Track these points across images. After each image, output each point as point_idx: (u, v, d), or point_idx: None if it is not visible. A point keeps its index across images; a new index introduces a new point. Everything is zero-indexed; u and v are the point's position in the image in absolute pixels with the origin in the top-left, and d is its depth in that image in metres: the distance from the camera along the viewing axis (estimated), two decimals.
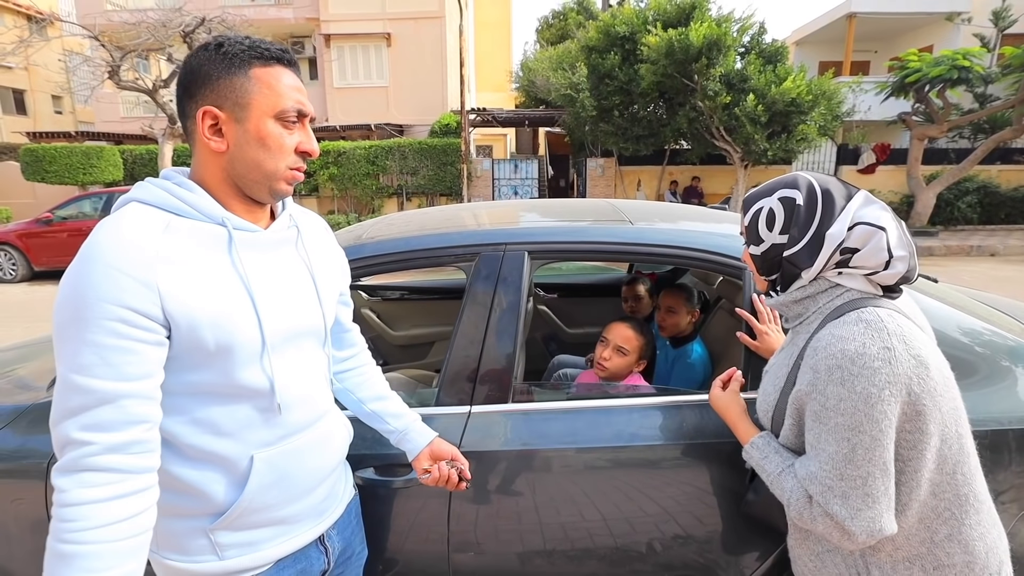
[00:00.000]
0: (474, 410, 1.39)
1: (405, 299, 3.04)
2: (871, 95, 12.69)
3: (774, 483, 1.00)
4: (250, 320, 0.86)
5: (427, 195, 14.64)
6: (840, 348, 0.88)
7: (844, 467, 0.88)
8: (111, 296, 0.74)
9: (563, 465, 1.36)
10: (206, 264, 0.83)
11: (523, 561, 1.40)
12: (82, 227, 8.72)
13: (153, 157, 14.01)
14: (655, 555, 1.40)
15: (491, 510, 1.37)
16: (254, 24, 13.09)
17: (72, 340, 0.75)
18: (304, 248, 0.99)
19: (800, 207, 0.96)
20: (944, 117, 11.60)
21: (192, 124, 0.86)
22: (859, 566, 0.98)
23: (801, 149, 11.10)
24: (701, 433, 1.35)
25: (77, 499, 0.73)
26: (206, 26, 10.83)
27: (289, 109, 0.86)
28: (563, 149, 18.01)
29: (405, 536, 1.39)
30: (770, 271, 1.03)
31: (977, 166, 12.30)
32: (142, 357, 0.77)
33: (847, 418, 0.87)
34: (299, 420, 0.94)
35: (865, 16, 15.51)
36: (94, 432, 0.75)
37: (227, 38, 0.85)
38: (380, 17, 16.50)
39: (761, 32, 11.35)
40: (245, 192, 0.90)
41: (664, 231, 1.53)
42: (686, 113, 10.94)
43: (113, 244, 0.77)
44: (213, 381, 0.85)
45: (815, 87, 10.26)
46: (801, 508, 0.94)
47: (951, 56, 10.67)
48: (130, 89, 11.28)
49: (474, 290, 1.45)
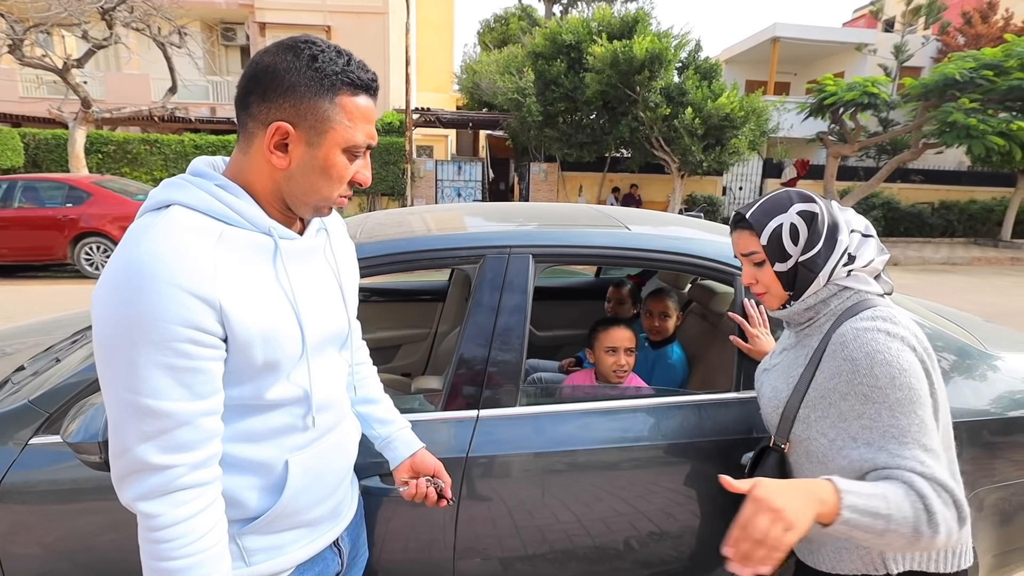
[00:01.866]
0: (482, 414, 1.37)
1: (371, 301, 2.94)
2: (793, 114, 13.71)
3: (893, 517, 0.81)
4: (294, 334, 0.83)
5: (368, 195, 14.28)
6: (872, 336, 0.93)
7: (923, 437, 0.88)
8: (179, 318, 0.70)
9: (575, 467, 1.37)
10: (255, 277, 0.79)
11: (532, 567, 1.40)
12: None
13: (61, 143, 12.73)
14: (674, 553, 1.44)
15: (502, 515, 1.36)
16: (182, 6, 12.22)
17: (139, 364, 0.70)
18: (332, 253, 0.96)
19: (820, 215, 1.03)
20: (855, 138, 12.70)
21: (256, 128, 0.80)
22: (876, 563, 1.02)
23: (732, 161, 11.80)
24: (712, 431, 1.40)
25: (174, 519, 0.74)
26: (128, 4, 10.00)
27: (361, 144, 0.83)
28: (504, 152, 18.12)
29: (410, 542, 1.35)
30: (793, 283, 1.06)
31: (882, 184, 13.58)
32: (211, 375, 0.75)
33: (905, 392, 0.89)
34: (327, 423, 0.93)
35: (787, 41, 16.75)
36: (177, 454, 0.73)
37: (321, 49, 0.79)
38: (320, 8, 15.95)
39: (697, 49, 11.98)
40: (289, 205, 0.86)
41: (662, 237, 1.57)
42: (628, 123, 11.34)
43: (172, 258, 0.71)
44: (252, 395, 0.82)
45: (746, 104, 10.95)
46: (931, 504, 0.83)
47: (862, 83, 11.71)
48: (35, 67, 10.21)
49: (479, 293, 1.43)
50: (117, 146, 13.24)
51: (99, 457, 1.01)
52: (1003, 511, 1.57)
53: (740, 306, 1.51)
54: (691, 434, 1.41)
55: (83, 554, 1.29)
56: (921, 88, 11.38)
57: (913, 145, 12.37)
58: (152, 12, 10.37)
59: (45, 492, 1.27)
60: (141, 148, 13.23)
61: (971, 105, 10.45)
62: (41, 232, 7.79)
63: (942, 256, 12.18)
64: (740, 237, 1.09)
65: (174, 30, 10.90)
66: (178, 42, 10.99)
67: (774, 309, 1.11)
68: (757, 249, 1.06)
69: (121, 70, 15.98)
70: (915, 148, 12.26)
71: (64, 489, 1.27)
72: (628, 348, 1.80)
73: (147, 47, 12.03)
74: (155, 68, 14.01)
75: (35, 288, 7.29)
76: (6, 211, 7.82)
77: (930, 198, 15.38)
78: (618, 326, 1.82)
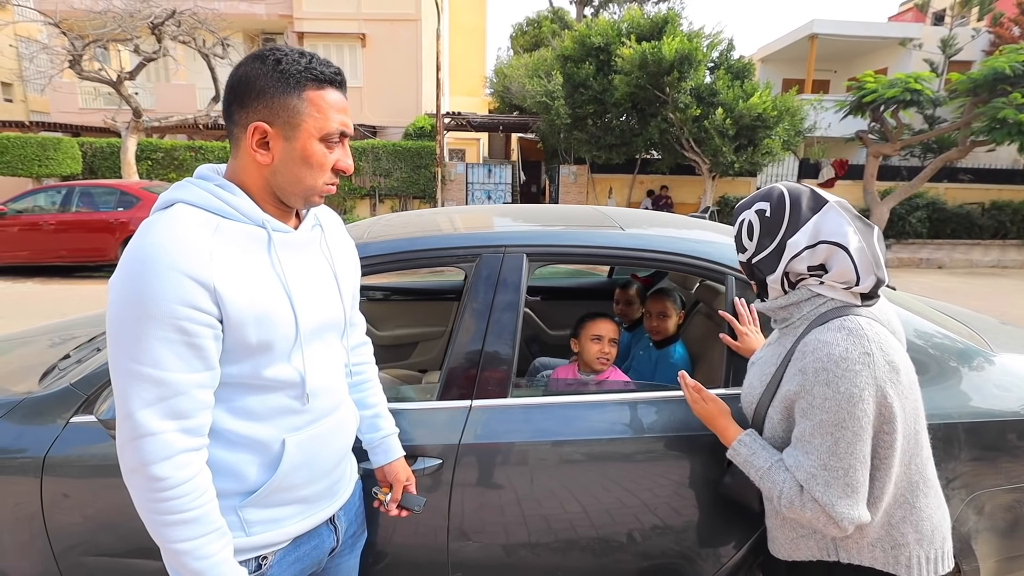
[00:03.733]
0: (475, 404, 1.45)
1: (390, 300, 3.06)
2: (831, 113, 13.29)
3: (764, 477, 1.07)
4: (287, 317, 0.91)
5: (400, 197, 14.57)
6: (826, 352, 0.97)
7: (828, 458, 0.97)
8: (177, 297, 0.79)
9: (562, 456, 1.43)
10: (249, 264, 0.88)
11: (520, 550, 1.47)
12: (38, 221, 8.34)
13: (115, 151, 13.49)
14: (654, 542, 1.49)
15: (491, 500, 1.43)
16: (225, 18, 12.81)
17: (142, 337, 0.79)
18: (327, 246, 1.04)
19: (768, 218, 1.06)
20: (897, 136, 12.23)
21: (239, 132, 0.90)
22: (829, 549, 1.08)
23: (766, 162, 11.55)
24: (697, 425, 1.44)
25: (181, 479, 0.83)
26: (176, 18, 10.55)
27: (334, 132, 0.91)
28: (535, 155, 18.20)
29: (405, 525, 1.44)
30: (753, 276, 1.13)
31: (926, 184, 13.02)
32: (206, 351, 0.84)
33: (831, 415, 0.96)
34: (323, 407, 1.01)
35: (826, 37, 16.26)
36: (173, 420, 0.83)
37: (284, 53, 0.89)
38: (355, 17, 16.38)
39: (730, 48, 11.78)
40: (280, 198, 0.95)
41: (655, 237, 1.62)
42: (657, 124, 11.24)
43: (172, 246, 0.81)
44: (250, 373, 0.91)
45: (780, 103, 10.71)
46: (792, 497, 1.01)
47: (904, 79, 11.28)
48: (92, 80, 10.89)
49: (475, 290, 1.51)
50: (165, 153, 13.96)
51: None
52: (1006, 516, 1.55)
53: (731, 304, 1.55)
54: (676, 428, 1.45)
55: (120, 526, 1.41)
56: (969, 83, 10.86)
57: (960, 143, 11.83)
58: (197, 25, 10.92)
59: (84, 467, 1.41)
60: (187, 154, 13.89)
61: (1023, 100, 9.93)
62: (95, 235, 8.29)
63: (992, 259, 11.62)
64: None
65: (218, 42, 11.43)
66: (221, 53, 11.51)
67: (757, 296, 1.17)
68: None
69: (169, 81, 16.80)
70: (962, 146, 11.72)
71: (100, 464, 1.40)
72: (612, 339, 1.89)
73: (193, 58, 12.62)
74: (201, 78, 14.69)
75: (90, 287, 7.77)
76: (65, 215, 8.39)
77: (980, 198, 14.64)
78: (602, 319, 1.91)
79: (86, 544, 1.43)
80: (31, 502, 1.39)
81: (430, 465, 1.39)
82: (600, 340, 1.88)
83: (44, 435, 1.41)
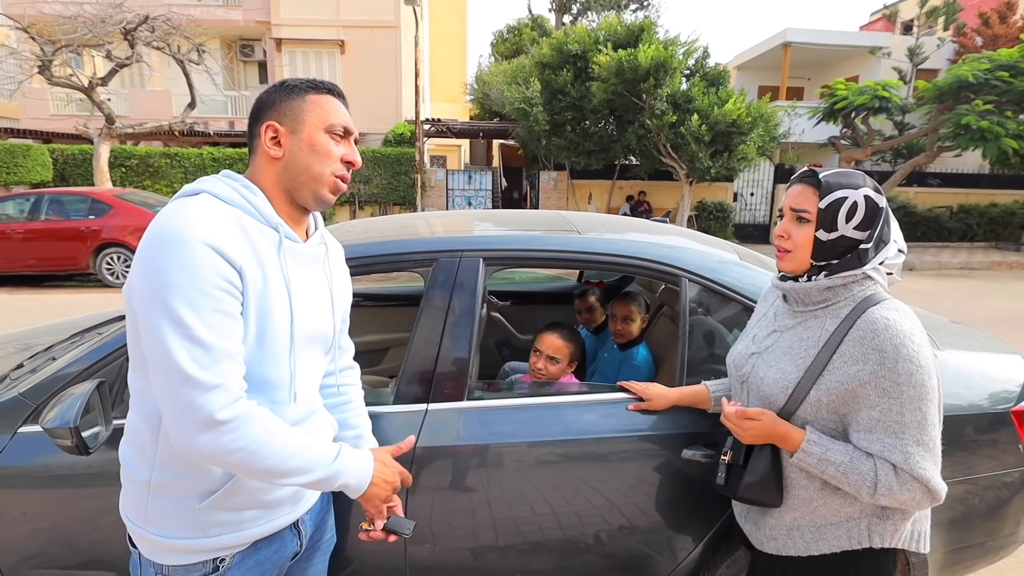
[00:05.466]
0: (431, 408, 1.46)
1: (360, 306, 3.05)
2: (804, 119, 13.61)
3: (849, 472, 1.01)
4: (284, 317, 0.95)
5: (380, 204, 14.54)
6: (899, 329, 0.98)
7: (919, 434, 0.98)
8: (213, 270, 0.85)
9: (516, 459, 1.45)
10: (260, 261, 0.93)
11: (477, 554, 1.48)
12: (5, 230, 8.13)
13: (87, 157, 13.24)
14: (602, 544, 1.50)
15: (447, 503, 1.44)
16: (201, 24, 12.67)
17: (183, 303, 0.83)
18: (328, 265, 1.10)
19: (882, 211, 1.06)
20: (868, 142, 12.57)
21: (256, 140, 1.00)
22: (861, 536, 1.07)
23: (741, 168, 11.75)
24: (650, 425, 1.47)
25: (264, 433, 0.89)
26: (149, 24, 10.41)
27: (337, 124, 1.00)
28: (517, 161, 18.30)
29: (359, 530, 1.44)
30: (825, 257, 1.07)
31: (897, 188, 13.38)
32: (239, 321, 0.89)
33: (918, 389, 0.97)
34: (297, 414, 1.02)
35: (799, 46, 16.64)
36: (225, 377, 0.86)
37: (291, 78, 1.02)
38: (334, 24, 16.34)
39: (705, 56, 11.99)
40: (294, 197, 1.00)
41: (610, 241, 1.65)
42: (635, 130, 11.38)
43: (205, 225, 0.86)
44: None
45: (754, 110, 10.92)
46: (891, 482, 0.99)
47: (873, 87, 11.62)
48: (63, 86, 10.69)
49: (431, 294, 1.52)
50: (139, 160, 13.73)
51: (71, 442, 1.10)
52: (956, 507, 1.59)
53: (685, 307, 1.58)
54: (629, 428, 1.48)
55: (70, 537, 1.40)
56: (935, 91, 11.24)
57: (928, 148, 12.20)
58: (172, 31, 10.78)
59: (33, 477, 1.39)
60: (162, 162, 13.69)
61: (985, 107, 10.28)
62: (65, 243, 8.13)
63: (960, 261, 11.94)
64: (801, 191, 1.08)
65: (193, 48, 11.30)
66: (197, 59, 11.38)
67: (788, 271, 1.12)
68: (809, 208, 1.06)
69: (144, 87, 16.55)
70: (930, 151, 12.09)
71: (49, 475, 1.39)
72: (551, 356, 1.83)
73: (168, 64, 12.45)
74: (176, 84, 14.51)
75: (59, 297, 7.59)
76: (34, 223, 8.19)
77: (948, 202, 15.09)
78: (552, 333, 1.86)
79: (36, 557, 1.41)
80: None
81: None
82: (539, 354, 1.85)
83: None
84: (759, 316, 1.28)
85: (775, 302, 1.24)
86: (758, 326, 1.24)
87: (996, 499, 1.63)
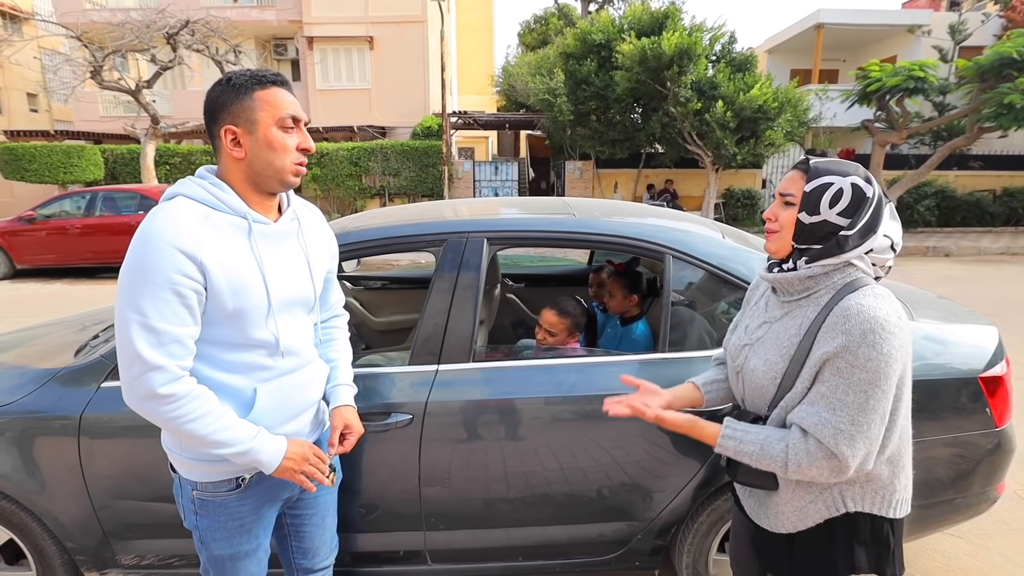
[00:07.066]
0: (440, 368, 1.69)
1: (386, 288, 3.31)
2: (836, 103, 13.27)
3: (762, 456, 1.09)
4: (259, 289, 1.15)
5: (409, 196, 14.88)
6: (872, 315, 1.00)
7: (856, 414, 1.01)
8: (173, 267, 1.03)
9: (514, 412, 1.67)
10: (230, 247, 1.11)
11: (479, 493, 1.71)
12: (64, 225, 8.78)
13: (135, 156, 14.01)
14: (601, 484, 1.71)
15: (458, 451, 1.67)
16: (237, 25, 13.19)
17: (145, 295, 1.03)
18: (303, 237, 1.27)
19: (868, 200, 1.07)
20: (903, 125, 12.19)
21: (218, 142, 1.14)
22: (837, 503, 1.12)
23: (769, 154, 11.61)
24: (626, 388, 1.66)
25: (184, 391, 1.07)
26: (190, 28, 10.94)
27: (286, 117, 1.13)
28: (544, 152, 18.39)
29: (382, 475, 1.68)
30: (807, 240, 1.10)
31: (936, 171, 12.94)
32: (193, 310, 1.08)
33: (870, 374, 0.99)
34: (288, 366, 1.24)
35: (832, 27, 16.16)
36: (169, 359, 1.05)
37: (235, 74, 1.14)
38: (363, 20, 16.70)
39: (732, 41, 11.84)
40: (261, 187, 1.17)
41: (600, 222, 1.84)
42: (659, 118, 11.36)
43: (171, 228, 1.05)
44: (230, 334, 1.15)
45: (781, 95, 10.75)
46: (800, 459, 1.04)
47: (908, 67, 11.24)
48: (112, 89, 11.34)
49: (441, 271, 1.74)
50: (182, 157, 14.45)
51: None
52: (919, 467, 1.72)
53: (668, 282, 1.76)
54: (620, 386, 1.66)
55: (143, 475, 1.67)
56: (975, 69, 10.79)
57: (968, 130, 11.75)
58: (210, 34, 11.30)
59: (114, 424, 1.67)
60: (203, 159, 14.36)
61: None
62: (118, 237, 8.67)
63: (1001, 246, 11.53)
64: (791, 176, 1.13)
65: (230, 49, 11.81)
66: (234, 60, 11.89)
67: (771, 252, 1.17)
68: (795, 192, 1.10)
69: (185, 88, 17.29)
70: (970, 133, 11.63)
71: (128, 425, 1.66)
72: (548, 330, 2.09)
73: (207, 65, 13.03)
74: None
75: (113, 287, 8.13)
76: (90, 219, 8.81)
77: (992, 185, 14.50)
78: (548, 309, 2.11)
79: (119, 491, 1.70)
80: (71, 455, 1.66)
81: (401, 420, 1.63)
82: (540, 328, 2.12)
83: (80, 398, 1.67)
84: (750, 307, 1.31)
85: (766, 292, 1.27)
86: (749, 317, 1.27)
87: (964, 458, 1.75)
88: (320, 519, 1.43)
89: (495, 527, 1.75)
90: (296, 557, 1.44)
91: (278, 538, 1.44)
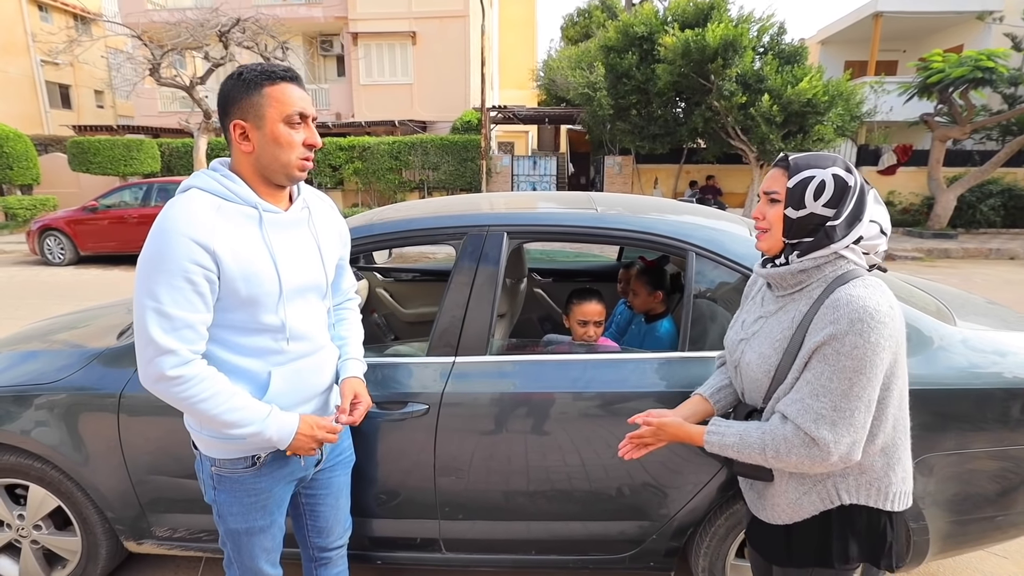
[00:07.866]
0: (458, 360, 1.71)
1: (416, 280, 3.37)
2: (894, 96, 12.61)
3: (742, 447, 1.11)
4: (271, 277, 1.19)
5: (448, 190, 15.04)
6: (861, 305, 1.01)
7: (839, 400, 1.02)
8: (186, 256, 1.08)
9: (528, 405, 1.67)
10: (243, 236, 1.15)
11: (491, 482, 1.72)
12: (123, 215, 9.30)
13: (189, 150, 14.68)
14: (614, 480, 1.69)
15: (471, 440, 1.69)
16: (285, 23, 13.60)
17: (160, 283, 1.08)
18: (314, 225, 1.31)
19: (851, 189, 1.08)
20: (967, 119, 11.47)
21: (228, 135, 1.18)
22: (831, 495, 1.13)
23: (817, 149, 11.13)
24: (652, 383, 1.64)
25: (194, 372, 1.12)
26: (240, 26, 11.34)
27: (293, 114, 1.15)
28: (584, 147, 18.22)
29: (398, 462, 1.71)
30: (796, 235, 1.11)
31: (1003, 169, 12.13)
32: (205, 297, 1.13)
33: (855, 362, 1.00)
34: (302, 350, 1.28)
35: (892, 15, 15.32)
36: (182, 343, 1.10)
37: (246, 68, 1.17)
38: (406, 16, 16.93)
39: (780, 32, 11.39)
40: (269, 179, 1.21)
41: (619, 217, 1.82)
42: (702, 113, 11.07)
43: (185, 219, 1.10)
44: (244, 319, 1.19)
45: (832, 88, 10.29)
46: (778, 445, 1.06)
47: (975, 57, 10.57)
48: (169, 86, 11.90)
49: (461, 264, 1.76)
50: None
51: None
52: (957, 480, 1.63)
53: (690, 280, 1.72)
54: (635, 384, 1.65)
55: (176, 452, 1.76)
56: None
57: None
58: (260, 31, 11.69)
59: (150, 404, 1.76)
60: None
61: None
62: None
63: None
64: (772, 175, 1.14)
65: (278, 46, 12.19)
66: (282, 56, 12.27)
67: (764, 250, 1.18)
68: (779, 189, 1.11)
69: None
70: None
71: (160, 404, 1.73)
72: (597, 321, 2.07)
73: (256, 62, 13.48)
74: None
75: None
76: (147, 209, 9.29)
77: None
78: (590, 300, 2.08)
79: (154, 467, 1.80)
80: (111, 431, 1.77)
81: (418, 409, 1.66)
82: (585, 325, 2.08)
83: (120, 377, 1.78)
84: (747, 302, 1.32)
85: (762, 288, 1.27)
86: (746, 312, 1.28)
87: (1011, 473, 1.65)
88: (334, 499, 1.48)
89: (509, 519, 1.76)
90: (311, 536, 1.50)
91: (294, 517, 1.49)
